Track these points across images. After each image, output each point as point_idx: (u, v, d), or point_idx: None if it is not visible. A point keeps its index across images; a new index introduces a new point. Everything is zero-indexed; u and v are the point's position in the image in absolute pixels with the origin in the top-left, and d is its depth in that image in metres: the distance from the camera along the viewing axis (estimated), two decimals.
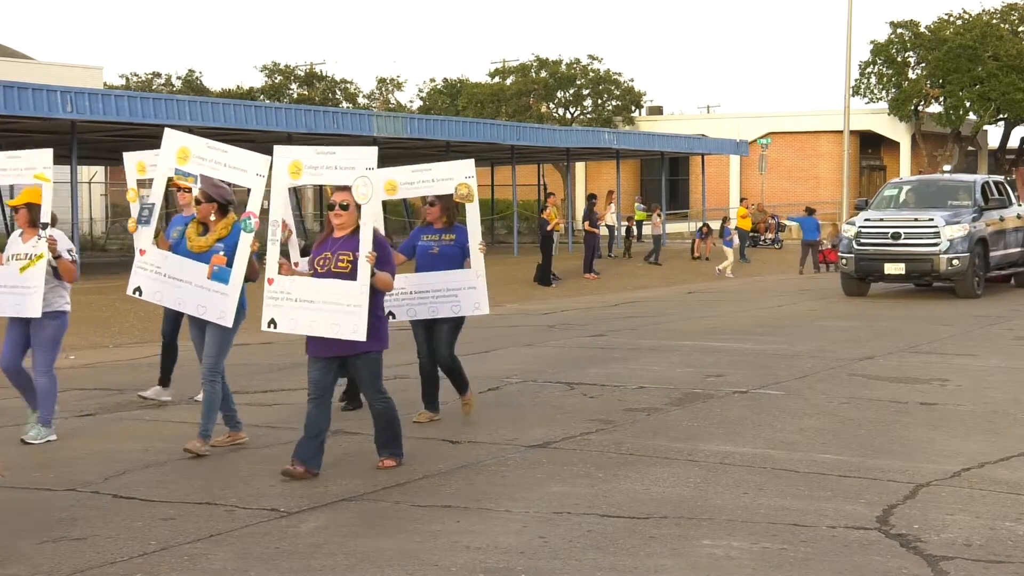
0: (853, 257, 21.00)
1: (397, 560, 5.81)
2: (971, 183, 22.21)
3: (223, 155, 8.30)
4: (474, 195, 9.26)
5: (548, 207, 27.04)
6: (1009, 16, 49.96)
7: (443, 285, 9.30)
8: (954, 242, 20.27)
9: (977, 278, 20.80)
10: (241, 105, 24.19)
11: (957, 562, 5.68)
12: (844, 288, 21.81)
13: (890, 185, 23.75)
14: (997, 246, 21.66)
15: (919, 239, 20.43)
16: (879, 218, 21.11)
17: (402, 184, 9.40)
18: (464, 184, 9.26)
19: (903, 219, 20.90)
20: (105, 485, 7.48)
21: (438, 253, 9.34)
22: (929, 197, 22.08)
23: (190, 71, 58.39)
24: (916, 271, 20.56)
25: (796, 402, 10.16)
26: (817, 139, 52.56)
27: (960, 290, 20.74)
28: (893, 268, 20.57)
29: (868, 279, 21.32)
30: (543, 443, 8.54)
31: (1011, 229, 22.41)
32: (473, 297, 9.29)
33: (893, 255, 20.59)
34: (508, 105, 53.15)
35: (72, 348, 15.71)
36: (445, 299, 9.29)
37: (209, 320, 8.31)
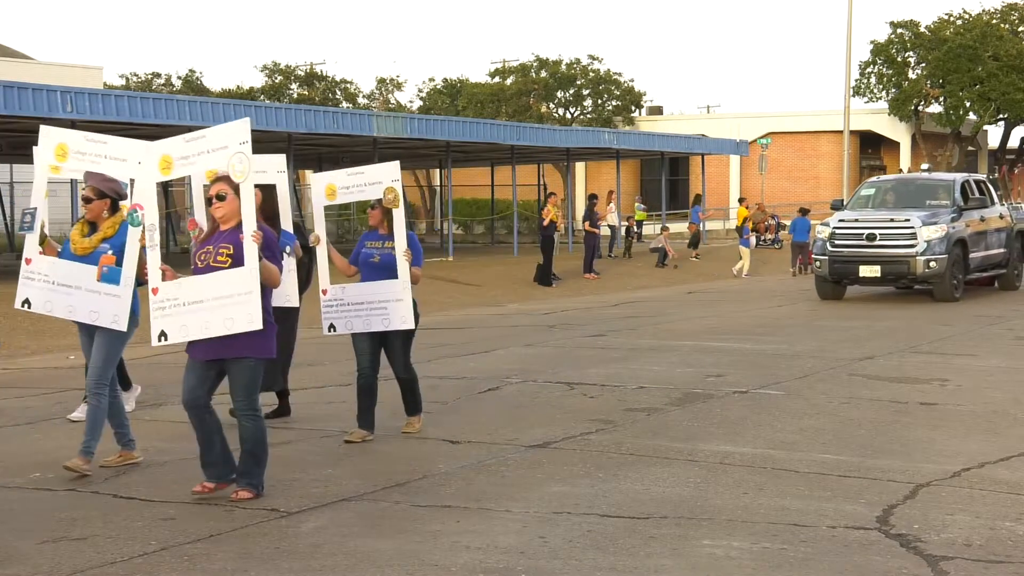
0: (827, 259, 20.27)
1: (397, 560, 5.81)
2: (950, 182, 21.49)
3: (103, 146, 7.75)
4: (400, 200, 8.77)
5: (548, 207, 27.04)
6: (1009, 16, 49.97)
7: (375, 297, 8.90)
8: (931, 243, 19.54)
9: (956, 281, 20.08)
10: (241, 105, 24.21)
11: (957, 562, 5.68)
12: (818, 291, 21.03)
13: (867, 184, 23.01)
14: (978, 247, 20.96)
15: (895, 240, 19.76)
16: (854, 219, 20.41)
17: (340, 188, 9.07)
18: (390, 188, 8.77)
19: (878, 220, 20.22)
20: (105, 485, 7.48)
21: (379, 262, 8.89)
22: (907, 197, 21.34)
23: (190, 71, 58.40)
24: (892, 273, 19.90)
25: (796, 402, 10.16)
26: (817, 139, 52.57)
27: (938, 293, 19.98)
28: (868, 271, 19.87)
29: (843, 282, 20.63)
30: (543, 443, 8.54)
31: (993, 230, 21.69)
32: (400, 311, 8.80)
33: (868, 257, 19.89)
34: (508, 105, 53.15)
35: (72, 348, 15.72)
36: (377, 312, 8.87)
37: (102, 326, 7.76)
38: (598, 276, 27.57)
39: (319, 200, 9.14)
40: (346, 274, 9.23)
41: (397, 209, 8.78)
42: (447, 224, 33.34)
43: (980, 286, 22.49)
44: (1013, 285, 22.60)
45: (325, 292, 9.16)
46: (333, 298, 9.08)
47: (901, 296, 21.59)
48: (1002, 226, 22.13)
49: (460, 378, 11.86)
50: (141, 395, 10.75)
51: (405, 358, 9.06)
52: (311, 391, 11.26)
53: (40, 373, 13.23)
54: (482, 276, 26.24)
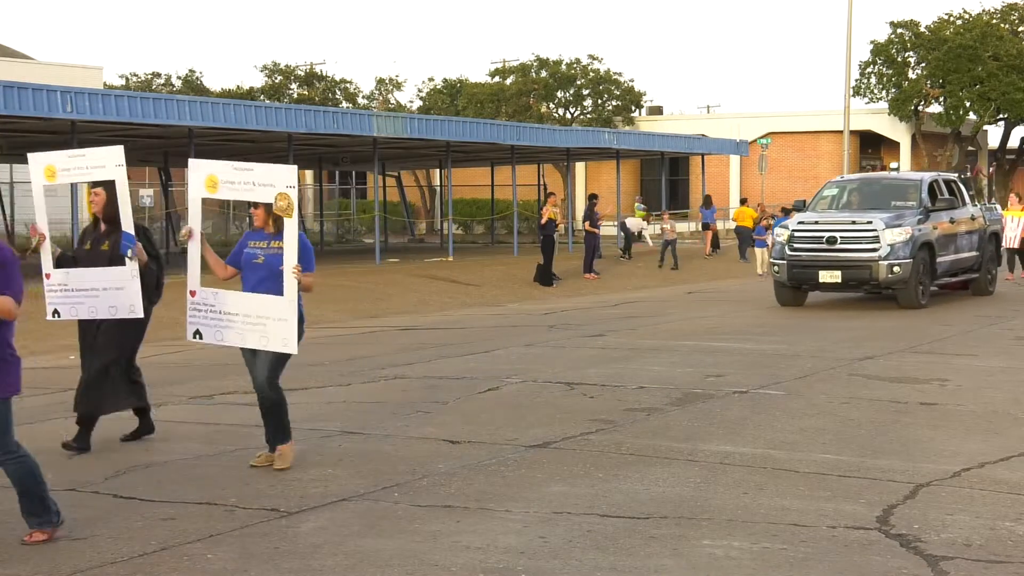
0: (785, 264, 19.07)
1: (397, 560, 5.81)
2: (917, 182, 20.21)
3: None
4: (293, 208, 7.77)
5: (547, 206, 27.05)
6: (1009, 16, 49.99)
7: (254, 310, 7.91)
8: (895, 247, 18.34)
9: (922, 287, 18.87)
10: (241, 105, 24.18)
11: (957, 562, 5.68)
12: (778, 298, 19.78)
13: (830, 184, 21.60)
14: (946, 251, 19.73)
15: (856, 244, 18.54)
16: (813, 221, 19.20)
17: (223, 182, 8.07)
18: (284, 195, 7.80)
19: (839, 222, 19.01)
20: (105, 485, 7.48)
21: (262, 263, 7.95)
22: (872, 197, 20.23)
23: (190, 71, 58.43)
24: (853, 279, 18.66)
25: (796, 402, 10.16)
26: (817, 139, 52.57)
27: (902, 300, 18.79)
28: (828, 276, 18.62)
29: (803, 288, 19.48)
30: (543, 443, 8.54)
31: (963, 232, 20.48)
32: (282, 332, 7.78)
33: (828, 262, 18.68)
34: (508, 105, 53.15)
35: (72, 348, 15.71)
36: (254, 327, 7.89)
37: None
38: (598, 276, 27.57)
39: (197, 191, 8.19)
40: (221, 277, 8.32)
41: (290, 219, 7.78)
42: (447, 224, 33.35)
43: (953, 291, 21.56)
44: (986, 290, 21.48)
45: (193, 294, 8.25)
46: (203, 302, 8.19)
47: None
48: (974, 228, 20.97)
49: (460, 378, 11.86)
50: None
51: (271, 374, 7.92)
52: (312, 391, 11.25)
53: (41, 373, 13.23)
54: (482, 276, 26.24)
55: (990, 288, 21.58)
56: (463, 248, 36.38)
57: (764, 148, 44.43)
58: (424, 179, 55.03)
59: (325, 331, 17.64)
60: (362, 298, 21.94)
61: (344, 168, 45.44)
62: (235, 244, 8.39)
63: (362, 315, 20.21)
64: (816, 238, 18.84)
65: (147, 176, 53.37)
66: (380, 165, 35.89)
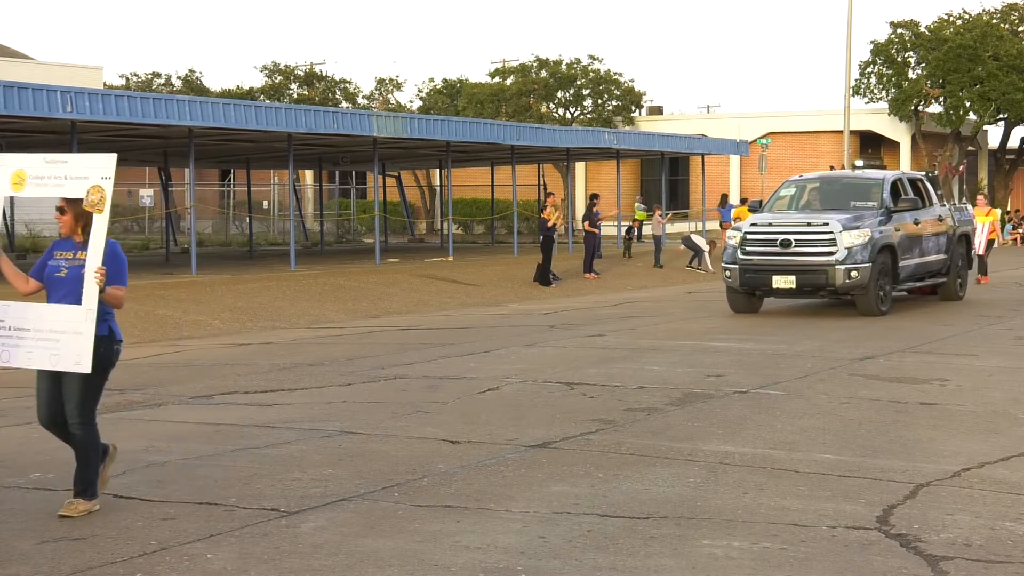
0: (737, 268, 17.98)
1: (397, 560, 5.81)
2: (879, 181, 19.09)
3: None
4: (106, 203, 6.72)
5: (547, 207, 27.05)
6: (1009, 16, 50.00)
7: (45, 324, 6.77)
8: (853, 250, 17.28)
9: (882, 292, 17.79)
10: (241, 105, 24.17)
11: (957, 562, 5.68)
12: (731, 304, 18.70)
13: (788, 183, 20.40)
14: (909, 254, 18.63)
15: (812, 247, 17.49)
16: (767, 222, 18.08)
17: (31, 177, 7.00)
18: (97, 187, 6.75)
19: (794, 223, 17.91)
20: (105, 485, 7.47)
21: (66, 276, 6.82)
22: (832, 197, 19.15)
23: (190, 71, 58.50)
24: (808, 284, 17.60)
25: (796, 402, 10.16)
26: (817, 139, 52.58)
27: (861, 306, 17.75)
28: (782, 281, 17.58)
29: (756, 294, 18.44)
30: (543, 443, 8.54)
31: (929, 234, 19.34)
32: (75, 347, 6.67)
33: (782, 266, 17.61)
34: (508, 105, 53.16)
35: None
36: (45, 344, 6.75)
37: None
38: (598, 276, 27.57)
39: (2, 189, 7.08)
40: (22, 292, 7.07)
41: (100, 214, 6.72)
42: (447, 224, 33.34)
43: (924, 295, 20.65)
44: (955, 295, 20.33)
45: None
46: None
47: (900, 296, 21.52)
48: (941, 230, 19.78)
49: (460, 378, 11.86)
50: (141, 395, 10.77)
51: (80, 404, 6.79)
52: (311, 391, 11.26)
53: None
54: (482, 276, 26.24)
55: (960, 293, 20.53)
56: (463, 248, 36.39)
57: (764, 148, 44.46)
58: (424, 179, 55.03)
59: (325, 331, 17.65)
60: (362, 298, 21.94)
61: (344, 168, 45.43)
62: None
63: (362, 315, 20.21)
64: (769, 241, 17.79)
65: (147, 176, 53.42)
66: (380, 165, 35.88)
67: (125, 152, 32.69)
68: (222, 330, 17.89)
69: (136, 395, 11.22)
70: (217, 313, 19.19)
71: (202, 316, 18.84)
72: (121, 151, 32.25)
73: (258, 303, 20.30)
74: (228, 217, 51.85)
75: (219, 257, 32.58)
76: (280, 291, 21.60)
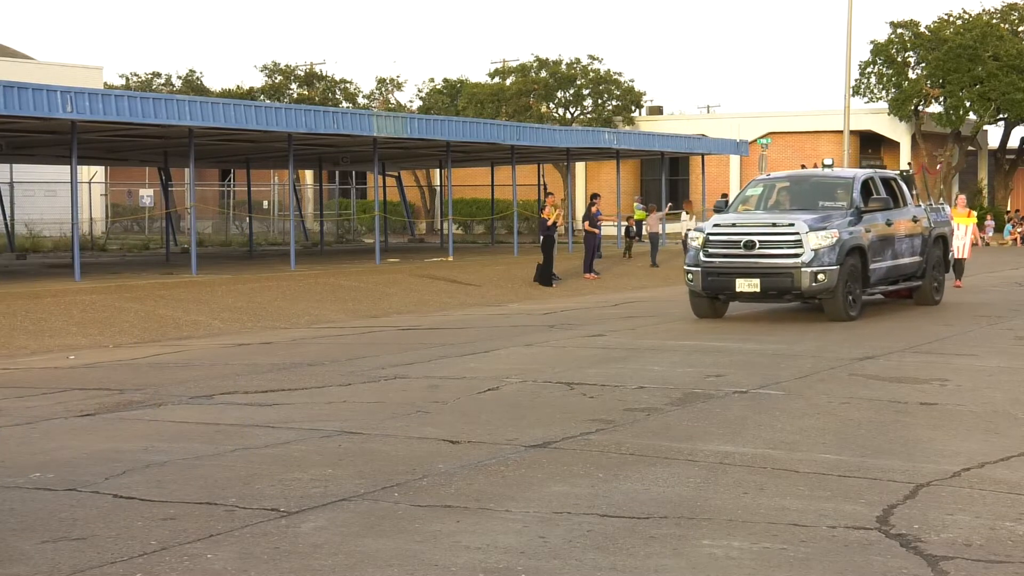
0: (700, 271, 17.14)
1: (397, 560, 5.81)
2: (849, 180, 18.21)
3: None
4: None
5: (547, 207, 27.06)
6: (1009, 16, 50.00)
7: None
8: (819, 252, 16.51)
9: (851, 296, 17.03)
10: (241, 105, 24.17)
11: (957, 562, 5.68)
12: (693, 309, 17.92)
13: (755, 182, 19.54)
14: (881, 256, 17.89)
15: (776, 249, 16.71)
16: (731, 223, 17.23)
17: None
18: None
19: (759, 224, 17.08)
20: (105, 485, 7.47)
21: None
22: (800, 197, 18.33)
23: (190, 71, 58.54)
24: (773, 288, 16.79)
25: (796, 402, 10.16)
26: (817, 139, 52.58)
27: (829, 310, 16.97)
28: (746, 285, 16.77)
29: (720, 298, 17.70)
30: (543, 443, 8.54)
31: (903, 235, 18.56)
32: None
33: (746, 269, 16.81)
34: (508, 105, 53.17)
35: (72, 348, 15.72)
36: None
37: None
38: (598, 276, 27.57)
39: None
40: None
41: None
42: (447, 224, 33.34)
43: (901, 298, 19.99)
44: (931, 299, 19.51)
45: None
46: None
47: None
48: (915, 231, 19.03)
49: (460, 378, 11.86)
50: (141, 395, 10.77)
51: None
52: (311, 391, 11.26)
53: (40, 373, 13.23)
54: (482, 276, 26.25)
55: (936, 297, 19.69)
56: (463, 248, 36.39)
57: (764, 148, 44.47)
58: (424, 179, 55.04)
59: (325, 331, 17.65)
60: (362, 298, 21.94)
61: (344, 168, 45.44)
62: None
63: (362, 315, 20.21)
64: (733, 242, 16.98)
65: (147, 176, 53.42)
66: (380, 165, 35.89)
67: (125, 152, 32.71)
68: (222, 330, 17.89)
69: (136, 395, 11.22)
70: (217, 313, 19.19)
71: (202, 316, 18.84)
72: (121, 151, 32.39)
73: (258, 303, 20.30)
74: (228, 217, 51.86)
75: (219, 257, 32.57)
76: (280, 291, 21.60)
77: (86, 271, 22.89)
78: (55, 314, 17.59)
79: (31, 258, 31.83)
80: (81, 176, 37.48)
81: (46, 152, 30.57)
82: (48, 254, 33.85)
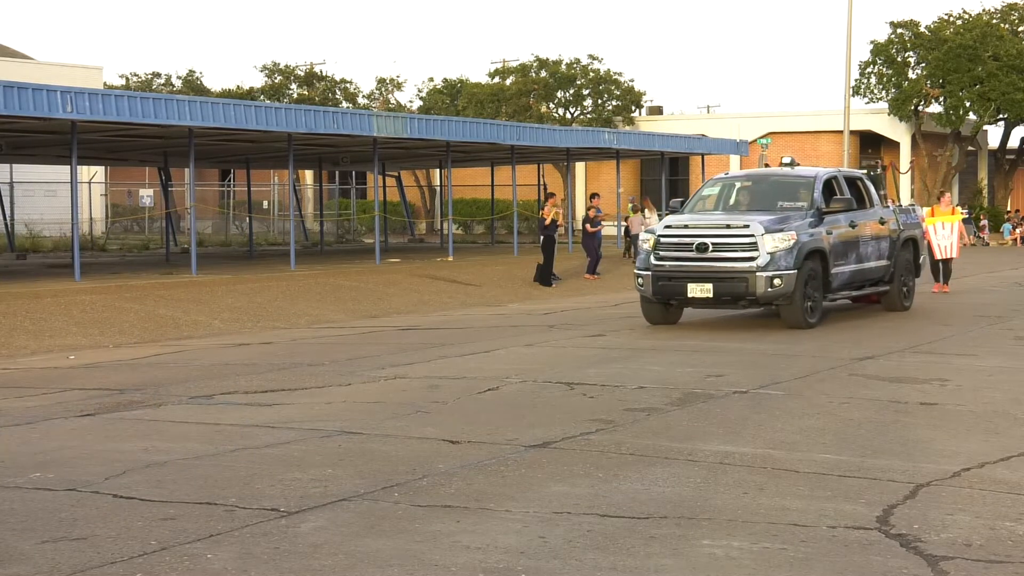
0: (650, 275, 16.27)
1: (397, 560, 5.81)
2: (810, 179, 17.29)
3: None
4: None
5: (547, 207, 27.05)
6: (1009, 16, 50.02)
7: None
8: (776, 256, 15.61)
9: (811, 302, 16.16)
10: (241, 105, 24.17)
11: (957, 562, 5.68)
12: (645, 315, 17.02)
13: (712, 181, 18.57)
14: (844, 259, 17.00)
15: (731, 252, 15.84)
16: (683, 225, 16.35)
17: None
18: None
19: (712, 226, 16.17)
20: (105, 485, 7.47)
21: None
22: (759, 197, 17.41)
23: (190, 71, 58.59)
24: (727, 293, 15.88)
25: (796, 402, 10.16)
26: (817, 139, 52.60)
27: (786, 317, 16.06)
28: (698, 290, 15.86)
29: (672, 303, 16.75)
30: (543, 443, 8.54)
31: (869, 237, 17.66)
32: None
33: (698, 273, 15.93)
34: (508, 105, 53.19)
35: (72, 348, 15.73)
36: None
37: None
38: (598, 276, 27.57)
39: None
40: None
41: None
42: (447, 224, 33.34)
43: (871, 303, 19.16)
44: (900, 305, 18.61)
45: None
46: None
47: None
48: (882, 233, 18.10)
49: (460, 378, 11.86)
50: (141, 395, 10.77)
51: None
52: (311, 391, 11.26)
53: (40, 373, 13.23)
54: (482, 276, 26.25)
55: (905, 303, 18.77)
56: (463, 248, 36.39)
57: (764, 148, 44.49)
58: (424, 179, 55.04)
59: (325, 331, 17.65)
60: (362, 298, 21.94)
61: (344, 168, 45.45)
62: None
63: (362, 315, 20.21)
64: (685, 245, 16.07)
65: (147, 176, 53.43)
66: (380, 165, 35.88)
67: (125, 152, 32.71)
68: (222, 330, 17.89)
69: (136, 395, 11.22)
70: (217, 313, 19.19)
71: (202, 316, 18.84)
72: (121, 151, 32.38)
73: (258, 303, 20.30)
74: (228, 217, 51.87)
75: (219, 257, 32.57)
76: (280, 291, 21.60)
77: (86, 271, 22.89)
78: (55, 314, 17.59)
79: (31, 258, 31.84)
80: (81, 176, 37.49)
81: (46, 152, 30.57)
82: (48, 254, 33.86)
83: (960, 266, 29.04)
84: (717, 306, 16.70)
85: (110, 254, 35.17)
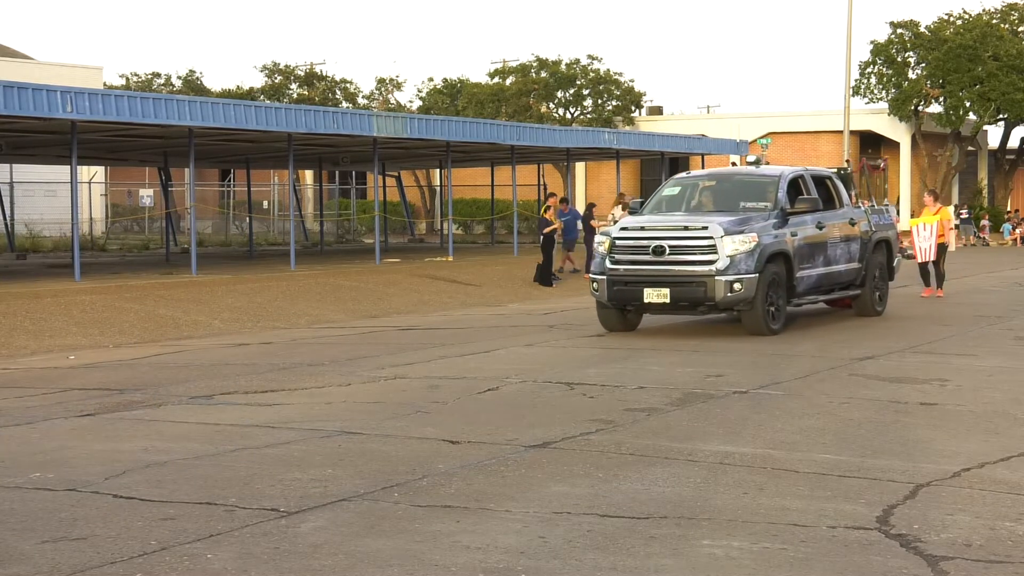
0: (605, 280, 15.56)
1: (397, 560, 5.81)
2: (775, 178, 16.42)
3: None
4: None
5: (548, 207, 27.05)
6: (1009, 16, 50.02)
7: None
8: (736, 259, 14.88)
9: (773, 308, 15.39)
10: (241, 105, 24.17)
11: (957, 562, 5.68)
12: (602, 321, 16.24)
13: (672, 181, 17.84)
14: (811, 263, 16.21)
15: (688, 255, 15.12)
16: (639, 227, 15.64)
17: None
18: None
19: (670, 228, 15.45)
20: (105, 485, 7.47)
21: None
22: (722, 197, 16.68)
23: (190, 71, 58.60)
24: (684, 298, 15.18)
25: (796, 402, 10.16)
26: (817, 139, 52.60)
27: (747, 323, 15.31)
28: (655, 295, 15.15)
29: (628, 309, 15.98)
30: (543, 443, 8.54)
31: (838, 239, 16.88)
32: None
33: (654, 277, 15.21)
34: (508, 105, 53.20)
35: (72, 348, 15.72)
36: None
37: None
38: None
39: None
40: None
41: None
42: (447, 224, 33.34)
43: (844, 307, 18.45)
44: (872, 310, 17.87)
45: None
46: None
47: (900, 295, 21.51)
48: (853, 235, 17.29)
49: (460, 378, 11.85)
50: (141, 395, 10.77)
51: None
52: (311, 391, 11.25)
53: (40, 373, 13.23)
54: (482, 276, 26.25)
55: (877, 308, 18.00)
56: (463, 248, 36.39)
57: (764, 148, 44.47)
58: (424, 179, 55.04)
59: (325, 331, 17.65)
60: (362, 298, 21.94)
61: (344, 168, 45.45)
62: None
63: (362, 315, 20.21)
64: (641, 248, 15.37)
65: (147, 176, 53.42)
66: (380, 165, 35.89)
67: (125, 152, 32.71)
68: (222, 330, 17.89)
69: (136, 395, 11.22)
70: (217, 313, 19.19)
71: (202, 316, 18.84)
72: (121, 151, 32.38)
73: (258, 303, 20.30)
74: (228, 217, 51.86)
75: (219, 257, 32.57)
76: (280, 291, 21.60)
77: (86, 271, 22.89)
78: (55, 314, 17.59)
79: (31, 258, 31.84)
80: (81, 176, 37.48)
81: (46, 152, 30.57)
82: (48, 254, 33.86)
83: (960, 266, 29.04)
84: (675, 312, 15.95)
85: (110, 254, 35.17)
